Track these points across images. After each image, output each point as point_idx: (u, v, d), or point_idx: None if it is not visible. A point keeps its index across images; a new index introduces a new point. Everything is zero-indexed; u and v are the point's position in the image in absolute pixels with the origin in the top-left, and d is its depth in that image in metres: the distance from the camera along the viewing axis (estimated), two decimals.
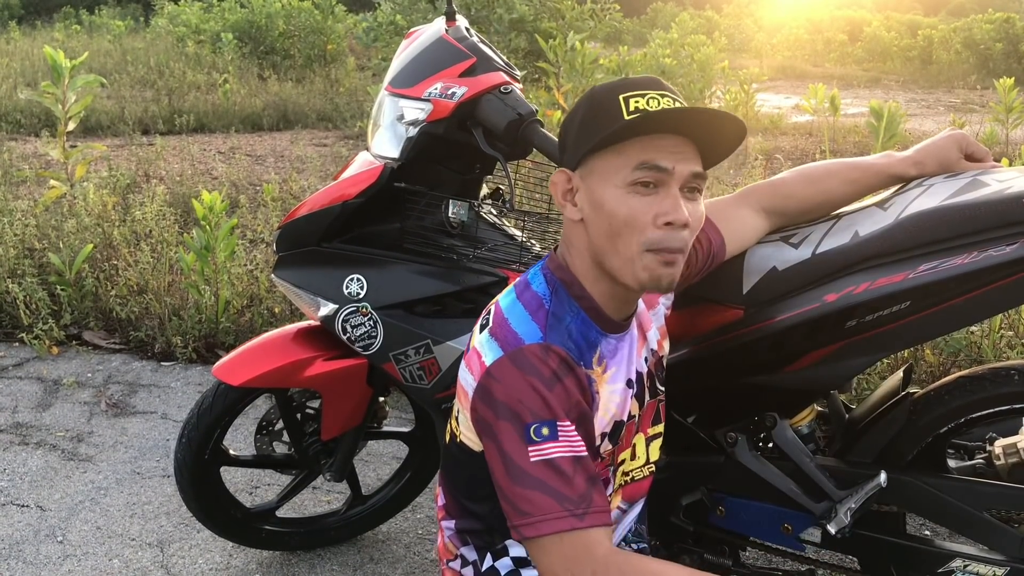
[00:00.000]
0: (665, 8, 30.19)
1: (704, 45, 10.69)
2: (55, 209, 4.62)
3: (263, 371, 1.95)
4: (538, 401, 1.19)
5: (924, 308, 1.49)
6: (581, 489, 1.17)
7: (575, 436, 1.20)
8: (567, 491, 1.16)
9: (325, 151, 8.04)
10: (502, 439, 1.19)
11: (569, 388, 1.22)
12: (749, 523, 1.77)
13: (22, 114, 9.02)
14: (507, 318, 1.29)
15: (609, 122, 1.22)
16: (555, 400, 1.20)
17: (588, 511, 1.16)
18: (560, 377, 1.22)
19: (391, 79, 1.86)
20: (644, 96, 1.22)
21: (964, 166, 1.56)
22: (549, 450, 1.17)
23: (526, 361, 1.22)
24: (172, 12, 16.61)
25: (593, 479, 1.19)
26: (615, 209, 1.22)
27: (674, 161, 1.21)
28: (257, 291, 3.83)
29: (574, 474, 1.17)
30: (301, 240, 1.92)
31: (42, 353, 3.64)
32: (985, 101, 12.65)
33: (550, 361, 1.22)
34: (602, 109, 1.24)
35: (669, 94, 1.24)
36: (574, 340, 1.28)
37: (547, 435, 1.18)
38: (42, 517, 2.50)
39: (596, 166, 1.25)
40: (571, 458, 1.18)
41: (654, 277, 1.24)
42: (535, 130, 1.73)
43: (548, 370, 1.21)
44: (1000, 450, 1.70)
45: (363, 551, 2.36)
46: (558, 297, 1.31)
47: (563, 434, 1.18)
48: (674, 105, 1.22)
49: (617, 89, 1.25)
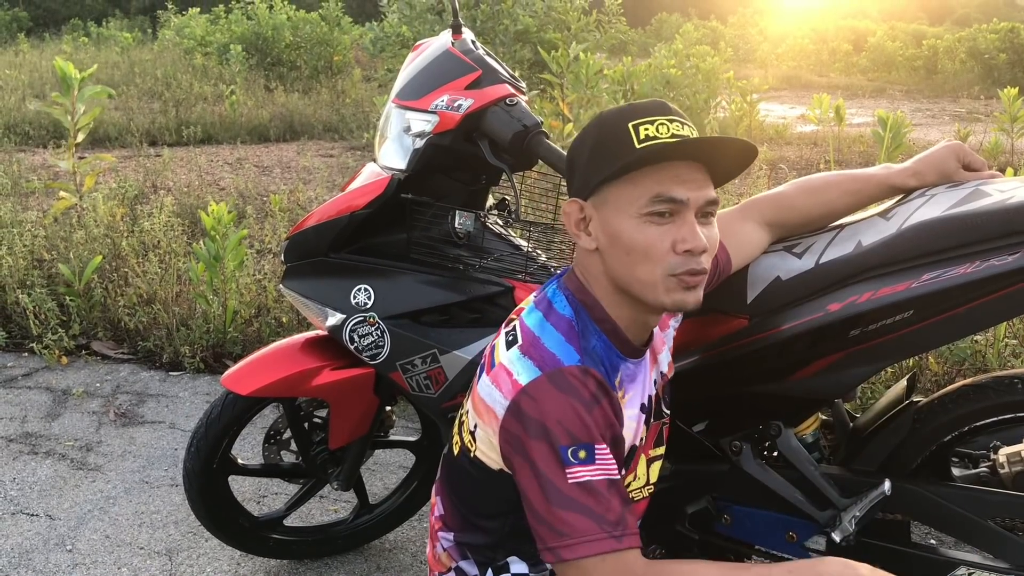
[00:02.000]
0: (670, 19, 30.25)
1: (709, 56, 10.70)
2: (64, 220, 4.65)
3: (271, 381, 1.96)
4: (577, 423, 1.19)
5: (927, 317, 1.50)
6: (618, 512, 1.18)
7: (610, 459, 1.21)
8: (606, 513, 1.16)
9: (332, 162, 8.07)
10: (537, 459, 1.19)
11: (606, 411, 1.23)
12: (754, 531, 1.78)
13: (31, 126, 9.07)
14: (539, 337, 1.28)
15: (620, 151, 1.22)
16: (593, 423, 1.20)
17: (625, 533, 1.17)
18: (598, 400, 1.23)
19: (398, 91, 1.88)
20: (653, 123, 1.23)
21: (962, 176, 1.57)
22: (587, 473, 1.17)
23: (566, 382, 1.22)
24: (179, 24, 16.70)
25: (626, 501, 1.20)
26: (633, 239, 1.22)
27: (688, 191, 1.22)
28: (265, 301, 3.85)
29: (611, 497, 1.18)
30: (309, 250, 1.94)
31: (51, 363, 3.66)
32: (990, 111, 12.64)
33: (589, 384, 1.23)
34: (612, 138, 1.24)
35: (677, 118, 1.25)
36: (602, 365, 1.29)
37: (584, 458, 1.18)
38: (51, 526, 2.52)
39: (609, 196, 1.25)
40: (607, 481, 1.18)
41: (677, 301, 1.25)
42: (540, 141, 1.75)
43: (588, 392, 1.22)
44: (1004, 458, 1.70)
45: (370, 560, 2.37)
46: (581, 319, 1.31)
47: (599, 457, 1.19)
48: (683, 130, 1.23)
49: (625, 116, 1.25)
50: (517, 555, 1.43)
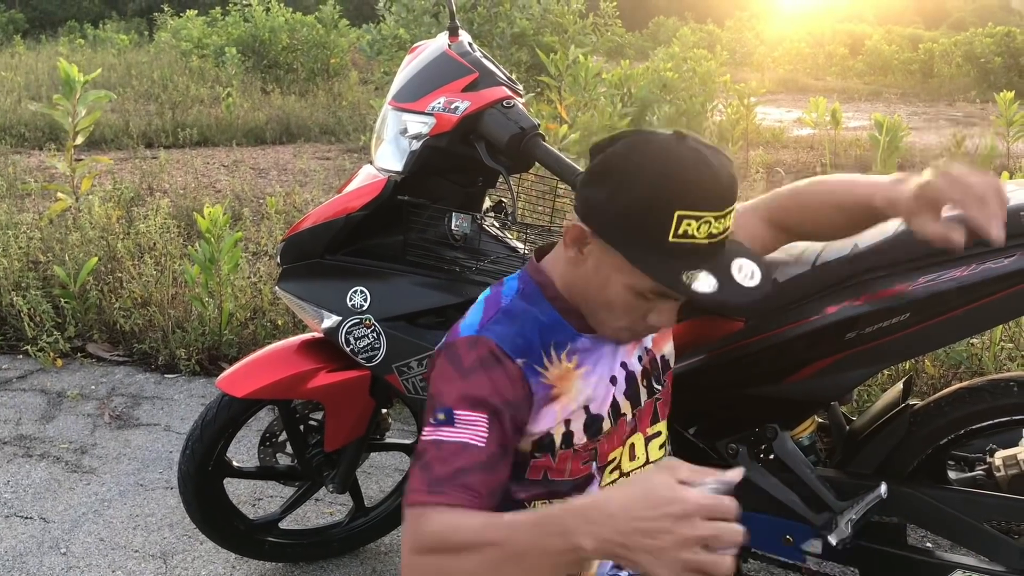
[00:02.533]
0: (667, 22, 30.28)
1: (706, 59, 10.72)
2: (60, 222, 4.64)
3: (266, 383, 1.96)
4: (446, 387, 1.23)
5: (923, 320, 1.50)
6: (450, 471, 1.17)
7: (477, 425, 1.21)
8: (439, 471, 1.17)
9: (328, 164, 8.07)
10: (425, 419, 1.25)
11: (487, 378, 1.24)
12: (751, 534, 1.78)
13: (26, 127, 9.06)
14: (464, 316, 1.34)
15: (653, 235, 1.16)
16: (464, 389, 1.23)
17: (443, 490, 1.16)
18: (480, 367, 1.25)
19: (394, 93, 1.88)
20: (699, 219, 1.15)
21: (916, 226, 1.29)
22: (440, 433, 1.20)
23: (452, 353, 1.27)
24: (175, 26, 16.70)
25: (477, 466, 1.19)
26: (616, 297, 1.25)
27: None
28: (260, 303, 3.84)
29: (452, 457, 1.18)
30: (305, 253, 1.93)
31: (46, 365, 3.65)
32: (986, 115, 12.68)
33: (474, 352, 1.26)
34: (653, 212, 1.16)
35: (724, 212, 1.17)
36: (525, 336, 1.31)
37: (443, 420, 1.21)
38: (45, 529, 2.51)
39: (618, 258, 1.22)
40: (460, 443, 1.19)
41: (618, 341, 1.34)
42: (537, 144, 1.75)
43: (469, 360, 1.25)
44: (1000, 461, 1.71)
45: (366, 563, 2.36)
46: (526, 298, 1.34)
47: (461, 421, 1.21)
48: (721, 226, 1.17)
49: (678, 200, 1.15)
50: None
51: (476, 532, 1.09)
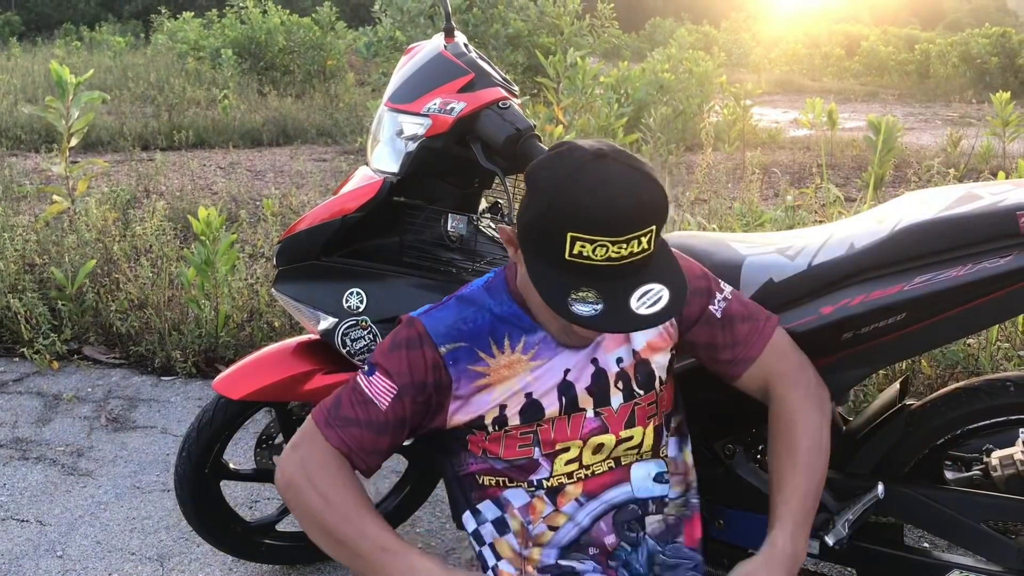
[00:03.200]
0: (663, 23, 30.32)
1: (702, 60, 10.73)
2: (56, 224, 4.64)
3: (263, 385, 1.95)
4: (379, 351, 1.41)
5: (919, 320, 1.50)
6: (347, 416, 1.37)
7: (384, 391, 1.37)
8: (344, 410, 1.38)
9: (325, 166, 8.06)
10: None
11: (406, 358, 1.38)
12: (748, 535, 1.77)
13: (22, 130, 9.06)
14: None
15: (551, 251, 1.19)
16: (386, 358, 1.39)
17: (336, 426, 1.37)
18: (403, 346, 1.39)
19: (390, 95, 1.88)
20: (593, 243, 1.16)
21: None
22: (362, 379, 1.39)
23: (397, 325, 1.44)
24: (172, 28, 16.69)
25: (368, 424, 1.36)
26: (538, 306, 1.36)
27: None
28: (257, 305, 3.84)
29: (355, 405, 1.37)
30: (301, 254, 1.93)
31: (42, 368, 3.65)
32: (982, 115, 12.70)
33: (406, 331, 1.41)
34: (549, 232, 1.18)
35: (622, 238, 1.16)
36: (466, 325, 1.41)
37: (367, 372, 1.40)
38: (42, 532, 2.50)
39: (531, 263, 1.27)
40: (367, 397, 1.37)
41: (562, 342, 1.41)
42: (533, 144, 1.74)
43: (399, 336, 1.41)
44: (997, 461, 1.71)
45: None
46: (491, 288, 1.44)
47: (376, 381, 1.38)
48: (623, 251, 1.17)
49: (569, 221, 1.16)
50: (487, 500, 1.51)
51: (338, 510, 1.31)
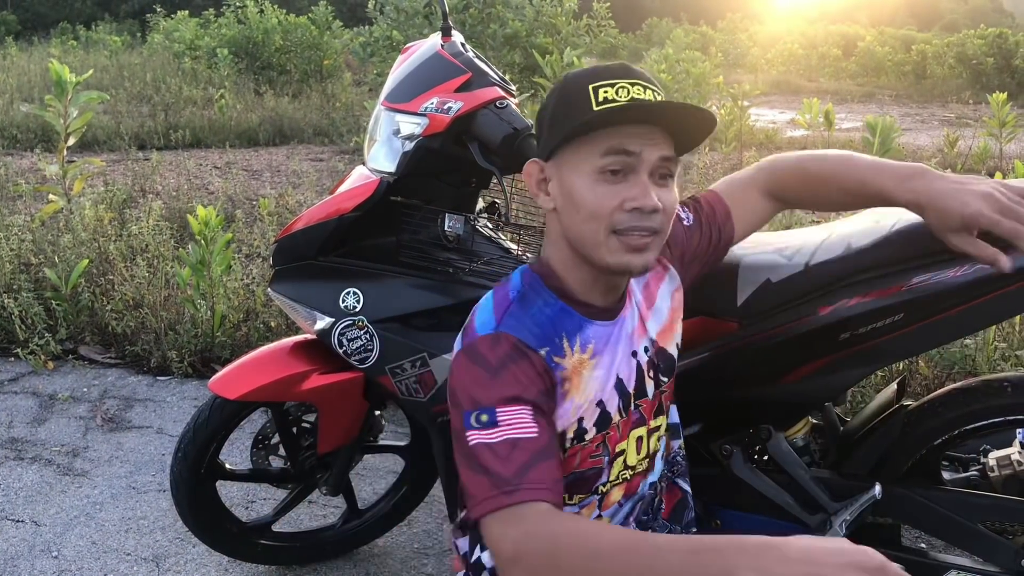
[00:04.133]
0: (660, 24, 30.36)
1: (699, 60, 10.75)
2: (51, 224, 4.63)
3: (259, 385, 1.95)
4: (480, 389, 1.21)
5: (917, 320, 1.50)
6: (515, 468, 1.15)
7: (522, 419, 1.20)
8: (502, 471, 1.15)
9: (321, 166, 8.06)
10: (456, 428, 1.22)
11: (518, 373, 1.23)
12: (744, 535, 1.77)
13: (18, 129, 9.04)
14: (473, 314, 1.33)
15: (578, 113, 1.23)
16: (498, 386, 1.21)
17: (519, 487, 1.14)
18: (508, 363, 1.23)
19: (387, 94, 1.87)
20: (614, 86, 1.23)
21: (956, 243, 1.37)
22: (486, 436, 1.18)
23: (476, 352, 1.25)
24: (168, 28, 16.67)
25: (536, 457, 1.17)
26: (584, 196, 1.24)
27: (642, 145, 1.22)
28: (253, 305, 3.83)
29: (510, 454, 1.16)
30: (297, 254, 1.93)
31: (38, 368, 3.64)
32: (979, 115, 12.71)
33: (498, 349, 1.25)
34: (572, 100, 1.25)
35: (640, 81, 1.25)
36: (541, 326, 1.30)
37: (486, 421, 1.19)
38: (37, 532, 2.50)
39: (566, 156, 1.27)
40: (510, 440, 1.17)
41: (622, 264, 1.26)
42: (530, 144, 1.74)
43: (495, 357, 1.24)
44: (994, 462, 1.71)
45: (359, 565, 2.36)
46: (531, 289, 1.34)
47: (503, 419, 1.19)
48: (644, 94, 1.24)
49: (587, 78, 1.25)
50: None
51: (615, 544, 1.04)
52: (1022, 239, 1.30)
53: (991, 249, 1.33)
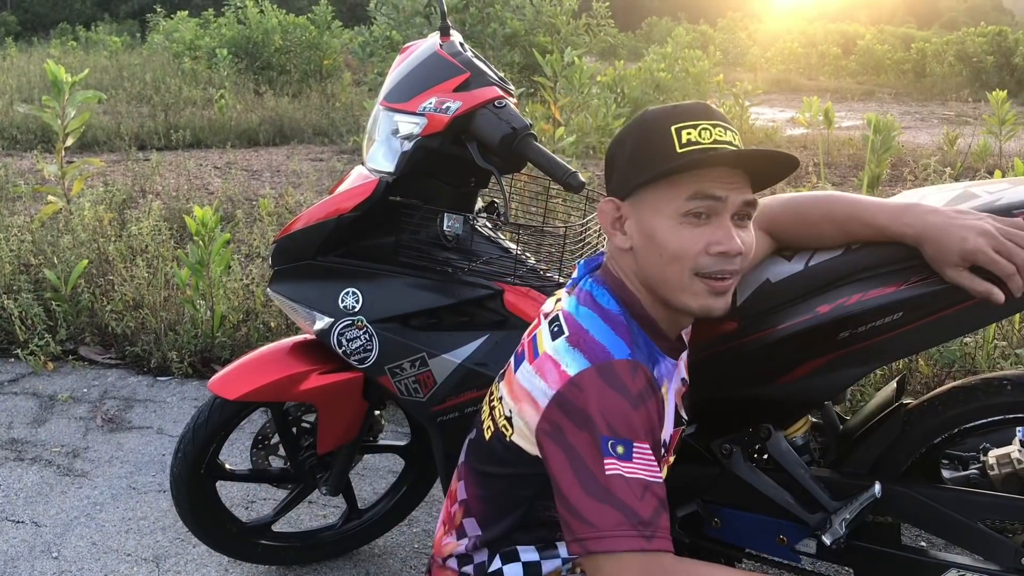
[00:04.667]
0: (660, 22, 30.37)
1: (699, 59, 10.74)
2: (51, 225, 4.63)
3: (259, 385, 1.95)
4: (620, 418, 1.19)
5: (917, 319, 1.49)
6: (650, 512, 1.15)
7: (650, 460, 1.19)
8: (638, 511, 1.14)
9: (321, 166, 8.05)
10: (577, 448, 1.18)
11: (650, 411, 1.22)
12: (745, 534, 1.77)
13: (18, 130, 9.04)
14: (588, 330, 1.28)
15: (661, 155, 1.22)
16: (637, 420, 1.20)
17: (655, 535, 1.14)
18: (645, 398, 1.22)
19: (386, 94, 1.87)
20: (696, 127, 1.23)
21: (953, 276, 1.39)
22: (623, 468, 1.16)
23: (615, 376, 1.22)
24: (168, 28, 16.66)
25: (662, 505, 1.18)
26: (667, 240, 1.23)
27: (727, 190, 1.22)
28: (253, 305, 3.83)
29: (644, 496, 1.16)
30: (296, 254, 1.93)
31: (38, 369, 3.64)
32: (979, 113, 12.70)
33: (638, 380, 1.22)
34: (654, 140, 1.24)
35: (720, 123, 1.25)
36: (648, 359, 1.30)
37: (622, 453, 1.17)
38: (37, 533, 2.50)
39: (647, 197, 1.26)
40: (643, 481, 1.17)
41: (704, 306, 1.26)
42: (529, 144, 1.74)
43: (636, 388, 1.22)
44: (994, 460, 1.70)
45: (359, 565, 2.36)
46: (628, 315, 1.32)
47: (638, 455, 1.18)
48: (725, 135, 1.23)
49: (668, 119, 1.25)
50: (527, 542, 1.43)
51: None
52: (1015, 280, 1.34)
53: (985, 284, 1.36)
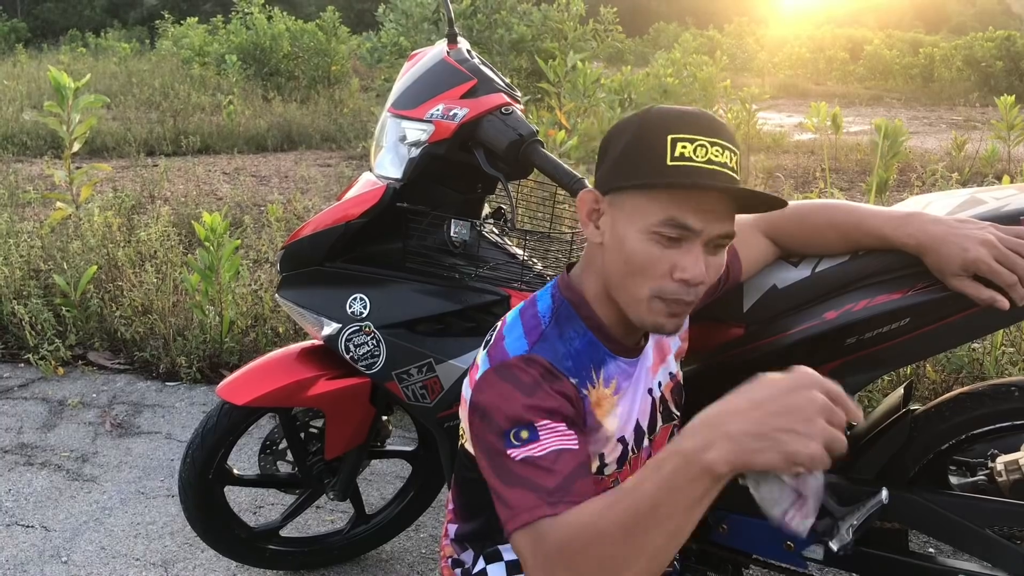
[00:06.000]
0: (667, 28, 30.37)
1: (706, 64, 10.75)
2: (60, 230, 4.65)
3: (267, 391, 1.96)
4: (517, 407, 1.19)
5: (923, 325, 1.49)
6: (559, 480, 1.14)
7: (562, 431, 1.18)
8: (545, 482, 1.13)
9: (329, 172, 8.07)
10: (489, 444, 1.20)
11: (552, 392, 1.22)
12: (752, 540, 1.77)
13: (28, 136, 9.09)
14: (503, 335, 1.30)
15: (650, 162, 1.18)
16: (536, 403, 1.19)
17: (563, 500, 1.12)
18: (541, 383, 1.22)
19: (393, 101, 1.88)
20: (693, 142, 1.18)
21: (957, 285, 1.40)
22: (528, 451, 1.16)
23: (508, 372, 1.23)
24: (177, 34, 16.73)
25: (579, 470, 1.16)
26: (634, 251, 1.20)
27: (704, 223, 1.18)
28: (261, 311, 3.84)
29: (554, 466, 1.14)
30: (304, 260, 1.93)
31: (47, 374, 3.65)
32: (987, 118, 12.68)
33: (531, 370, 1.23)
34: (646, 145, 1.20)
35: (720, 141, 1.19)
36: (572, 357, 1.29)
37: (527, 438, 1.17)
38: (46, 537, 2.51)
39: (625, 203, 1.23)
40: (554, 452, 1.16)
41: (657, 324, 1.25)
42: (536, 150, 1.74)
43: (529, 377, 1.22)
44: (1002, 467, 1.70)
45: (367, 570, 2.36)
46: (561, 317, 1.31)
47: (545, 433, 1.17)
48: (722, 156, 1.18)
49: (668, 125, 1.19)
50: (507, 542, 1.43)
51: (601, 513, 1.04)
52: (1016, 290, 1.34)
53: (989, 292, 1.37)
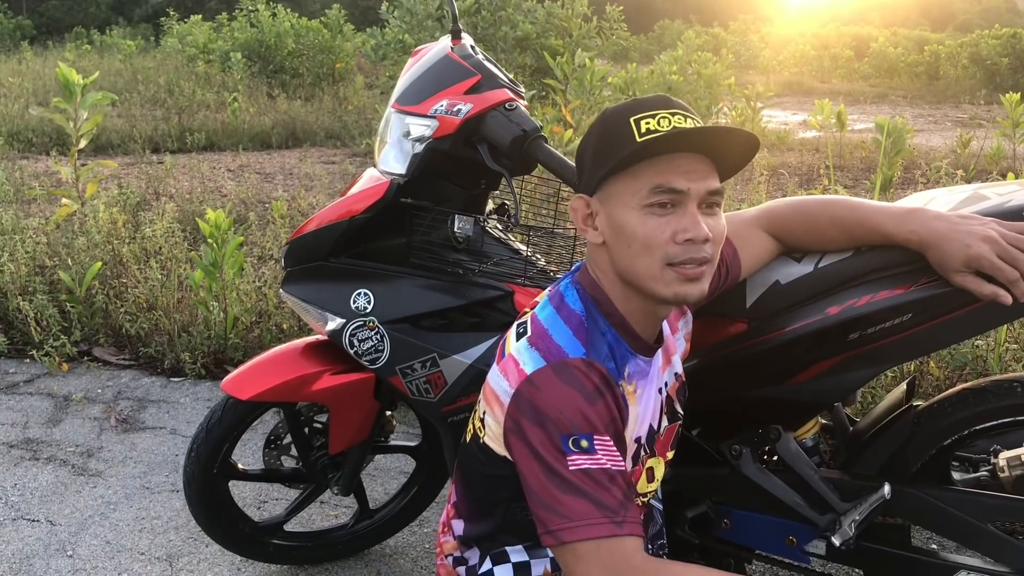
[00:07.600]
0: (672, 25, 30.34)
1: (711, 62, 10.73)
2: (66, 227, 4.66)
3: (271, 385, 1.97)
4: (578, 414, 1.21)
5: (926, 320, 1.50)
6: (619, 499, 1.18)
7: (613, 451, 1.22)
8: (606, 499, 1.17)
9: (333, 168, 8.08)
10: (539, 447, 1.21)
11: (609, 405, 1.25)
12: (754, 536, 1.77)
13: (33, 133, 9.11)
14: (548, 330, 1.31)
15: (621, 146, 1.23)
16: (595, 415, 1.22)
17: (626, 520, 1.17)
18: (602, 393, 1.24)
19: (397, 96, 1.88)
20: (655, 117, 1.24)
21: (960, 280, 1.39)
22: (587, 462, 1.19)
23: (569, 374, 1.24)
24: (182, 32, 16.75)
25: (629, 492, 1.21)
26: (634, 231, 1.24)
27: (689, 182, 1.22)
28: (265, 307, 3.85)
29: (611, 485, 1.19)
30: (309, 255, 1.94)
31: (52, 369, 3.67)
32: (992, 116, 12.64)
33: (592, 376, 1.25)
34: (614, 133, 1.26)
35: (680, 111, 1.25)
36: (612, 358, 1.31)
37: (585, 448, 1.20)
38: (52, 532, 2.52)
39: (613, 190, 1.27)
40: (608, 471, 1.20)
41: (679, 294, 1.26)
42: (539, 146, 1.75)
43: (591, 385, 1.24)
44: (1004, 462, 1.70)
45: (370, 565, 2.37)
46: (591, 315, 1.34)
47: (600, 448, 1.20)
48: (685, 123, 1.23)
49: (627, 111, 1.26)
50: (515, 543, 1.45)
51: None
52: (1019, 287, 1.35)
53: (991, 287, 1.36)
